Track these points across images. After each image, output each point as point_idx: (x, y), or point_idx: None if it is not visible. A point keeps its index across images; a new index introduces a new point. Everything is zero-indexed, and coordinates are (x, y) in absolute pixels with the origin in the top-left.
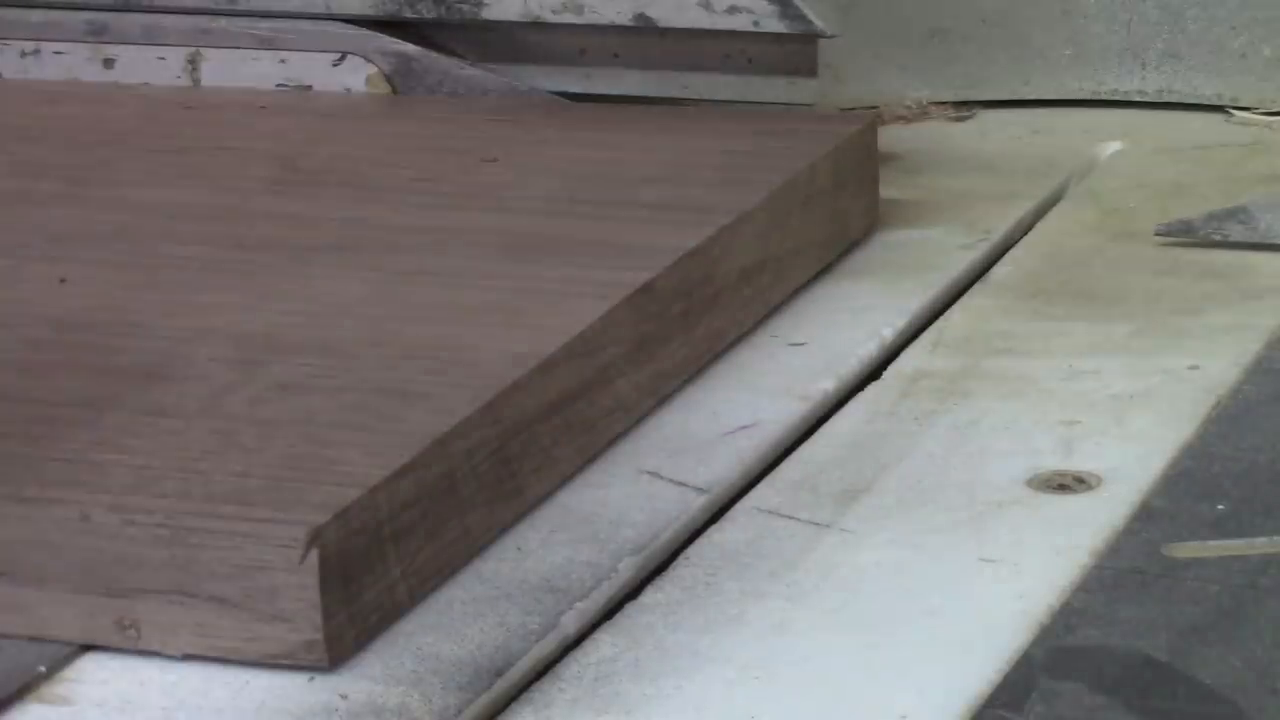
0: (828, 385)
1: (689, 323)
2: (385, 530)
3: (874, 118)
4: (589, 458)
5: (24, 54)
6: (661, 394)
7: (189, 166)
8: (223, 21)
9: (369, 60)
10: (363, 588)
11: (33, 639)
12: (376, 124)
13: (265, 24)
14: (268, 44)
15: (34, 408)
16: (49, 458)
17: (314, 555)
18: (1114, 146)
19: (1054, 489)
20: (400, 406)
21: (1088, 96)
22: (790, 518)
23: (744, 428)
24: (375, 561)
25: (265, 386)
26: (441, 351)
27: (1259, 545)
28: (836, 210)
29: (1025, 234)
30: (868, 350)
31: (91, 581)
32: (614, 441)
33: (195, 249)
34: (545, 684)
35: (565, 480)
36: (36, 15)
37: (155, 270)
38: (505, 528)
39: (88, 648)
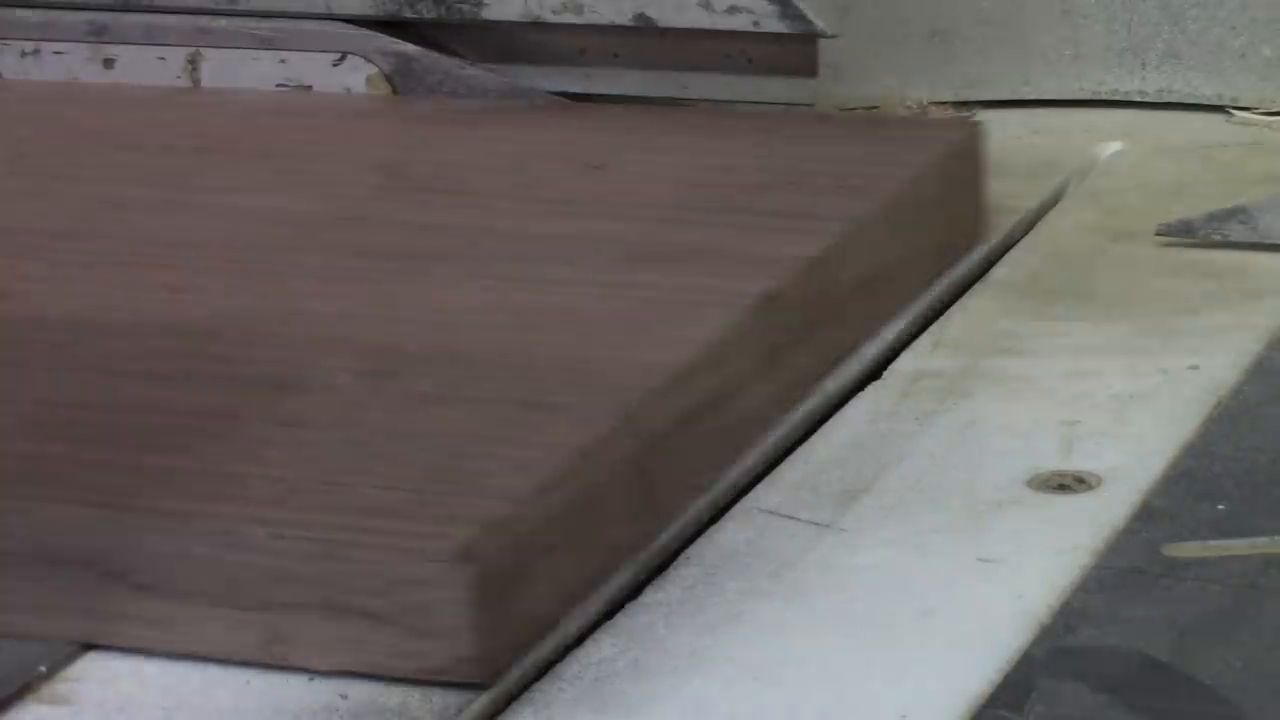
0: (828, 385)
1: (812, 332)
2: (534, 545)
3: (981, 124)
4: (719, 471)
5: (24, 54)
6: (787, 405)
7: (291, 173)
8: (223, 21)
9: (369, 60)
10: (513, 603)
11: (25, 637)
12: (475, 129)
13: (265, 24)
14: (268, 44)
15: (165, 419)
16: (187, 470)
17: (467, 570)
18: (1114, 146)
19: (1054, 489)
20: (538, 418)
21: (1088, 96)
22: (790, 517)
23: None
24: (524, 576)
25: (399, 398)
26: (573, 362)
27: (1260, 545)
28: (948, 217)
29: (1025, 234)
30: (868, 350)
31: (239, 597)
32: None
33: (309, 257)
34: (545, 684)
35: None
36: (36, 15)
37: (271, 278)
38: (639, 542)
39: (89, 647)
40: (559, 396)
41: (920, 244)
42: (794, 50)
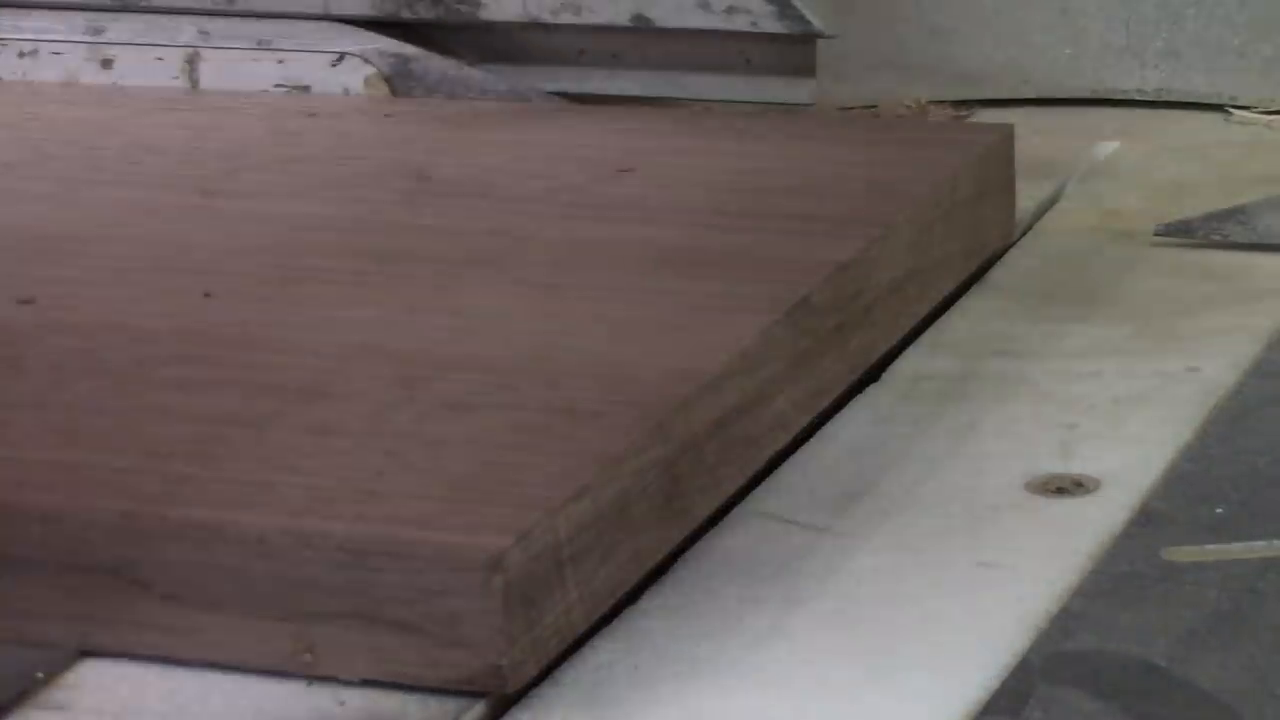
0: None
1: (843, 337)
2: (564, 553)
3: (1010, 128)
4: (750, 476)
5: (22, 54)
6: (817, 410)
7: (319, 177)
8: (220, 22)
9: (368, 61)
10: (542, 612)
11: (26, 644)
12: (500, 132)
13: (264, 24)
14: (266, 44)
15: (195, 426)
16: (216, 477)
17: (498, 580)
18: (1113, 146)
19: (1052, 492)
20: (570, 425)
21: (1086, 95)
22: (789, 522)
23: None
24: (554, 585)
25: (429, 405)
26: (603, 368)
27: (1258, 549)
28: (977, 221)
29: (1024, 234)
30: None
31: (267, 606)
32: None
33: (338, 261)
34: (544, 689)
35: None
36: (35, 15)
37: (300, 284)
38: (673, 548)
39: (85, 653)
40: (589, 404)
41: (951, 247)
42: (793, 50)
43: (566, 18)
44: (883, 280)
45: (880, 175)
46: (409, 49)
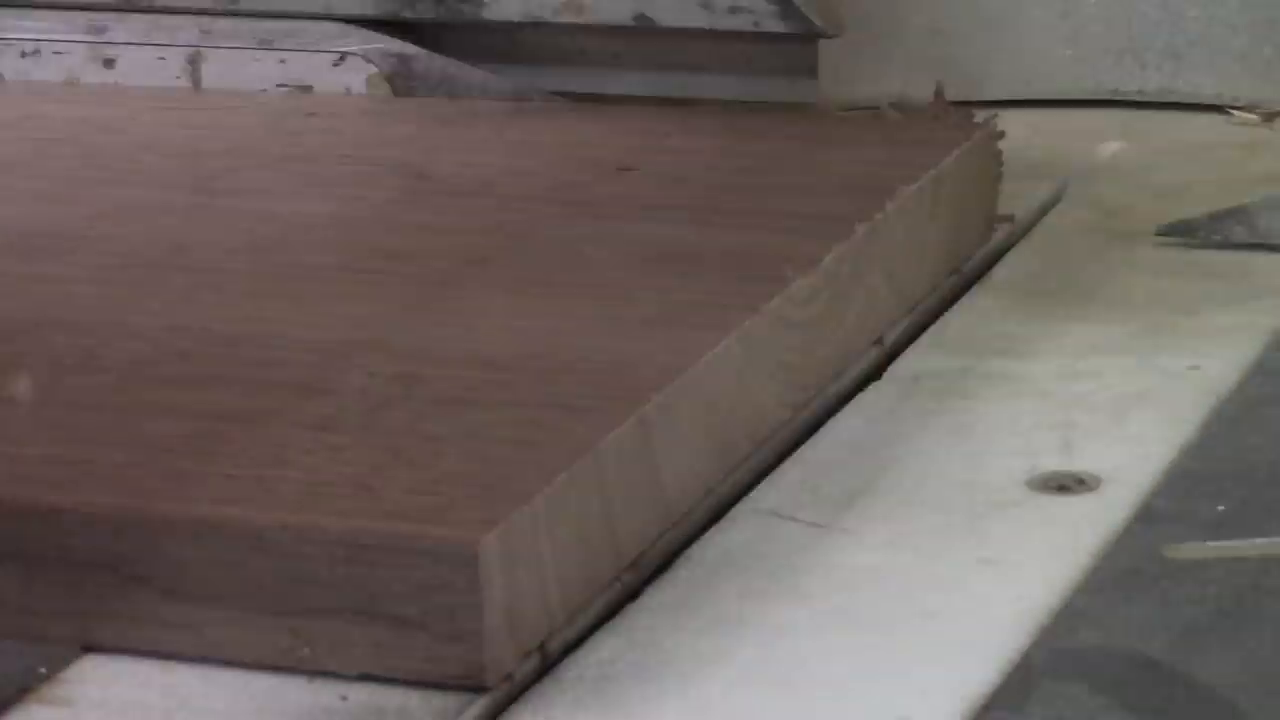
0: (827, 386)
1: (831, 332)
2: (554, 547)
3: (994, 123)
4: (737, 473)
5: (24, 54)
6: (805, 407)
7: (316, 176)
8: (223, 22)
9: (369, 61)
10: (530, 606)
11: (26, 640)
12: (501, 131)
13: (265, 24)
14: (268, 44)
15: (194, 422)
16: (215, 473)
17: (482, 573)
18: (1114, 146)
19: (1054, 490)
20: (566, 421)
21: (1088, 96)
22: (790, 518)
23: None
24: (544, 579)
25: (426, 401)
26: (599, 365)
27: (1259, 546)
28: (962, 217)
29: (1025, 234)
30: (868, 351)
31: (265, 601)
32: None
33: (335, 259)
34: (545, 686)
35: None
36: (36, 15)
37: (297, 282)
38: (654, 542)
39: (88, 648)
40: (585, 400)
41: (937, 243)
42: (794, 50)
43: (568, 17)
44: (867, 276)
45: (870, 172)
46: (410, 49)
